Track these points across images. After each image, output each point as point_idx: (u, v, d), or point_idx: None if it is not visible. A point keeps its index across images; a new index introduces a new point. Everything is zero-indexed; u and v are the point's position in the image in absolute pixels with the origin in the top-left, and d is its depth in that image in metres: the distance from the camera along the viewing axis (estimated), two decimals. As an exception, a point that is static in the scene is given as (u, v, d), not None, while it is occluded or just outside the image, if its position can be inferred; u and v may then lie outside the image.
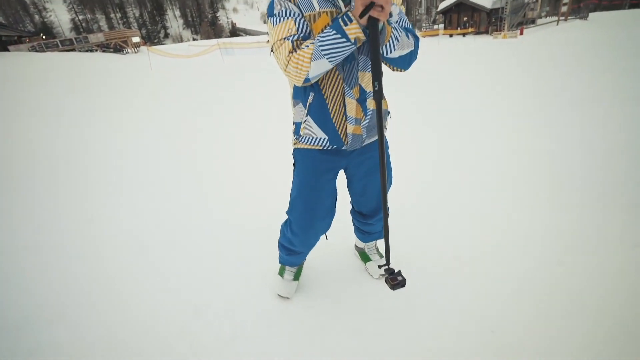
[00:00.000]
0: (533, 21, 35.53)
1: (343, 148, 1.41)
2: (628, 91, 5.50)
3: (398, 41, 1.23)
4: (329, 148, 1.41)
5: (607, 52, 10.54)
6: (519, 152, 3.53)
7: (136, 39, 43.34)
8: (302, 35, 1.20)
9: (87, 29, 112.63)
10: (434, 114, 5.38)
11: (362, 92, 1.33)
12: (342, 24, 1.14)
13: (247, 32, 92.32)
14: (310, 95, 1.33)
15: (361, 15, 1.10)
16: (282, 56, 1.20)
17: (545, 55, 11.53)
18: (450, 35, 34.00)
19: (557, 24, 33.09)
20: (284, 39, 1.20)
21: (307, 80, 1.21)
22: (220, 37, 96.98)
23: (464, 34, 33.56)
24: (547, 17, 43.47)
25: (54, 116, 6.99)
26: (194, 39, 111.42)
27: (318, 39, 1.16)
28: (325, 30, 1.17)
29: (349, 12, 1.14)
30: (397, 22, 1.30)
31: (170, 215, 2.87)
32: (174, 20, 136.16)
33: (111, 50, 37.33)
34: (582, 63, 8.87)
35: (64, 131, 5.89)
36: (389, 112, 1.50)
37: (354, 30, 1.13)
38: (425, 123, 4.91)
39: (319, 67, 1.18)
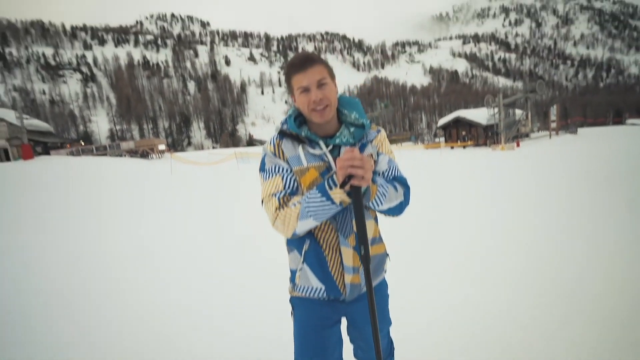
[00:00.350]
0: (527, 135, 38.52)
1: (341, 299, 1.34)
2: (616, 198, 5.70)
3: (385, 197, 1.25)
4: (327, 298, 1.34)
5: (596, 163, 11.19)
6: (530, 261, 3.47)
7: (162, 147, 47.82)
8: (289, 191, 1.24)
9: (121, 137, 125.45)
10: (442, 228, 5.47)
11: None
12: (327, 187, 1.17)
13: (262, 143, 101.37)
14: (306, 243, 1.30)
15: (341, 186, 1.14)
16: (270, 212, 1.23)
17: (543, 166, 12.20)
18: (452, 147, 36.55)
19: (550, 138, 35.66)
20: (272, 195, 1.23)
21: (294, 235, 1.23)
22: (237, 146, 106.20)
23: (464, 146, 36.06)
24: (540, 132, 47.41)
25: (82, 216, 7.32)
26: (213, 147, 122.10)
27: (305, 199, 1.19)
28: (312, 192, 1.19)
29: (334, 175, 1.17)
30: (386, 170, 1.33)
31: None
32: (197, 131, 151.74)
33: (138, 155, 40.79)
34: (576, 172, 9.32)
35: (92, 228, 6.09)
36: (387, 255, 1.44)
37: (338, 195, 1.16)
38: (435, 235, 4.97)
39: (306, 225, 1.21)
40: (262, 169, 1.29)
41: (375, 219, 1.38)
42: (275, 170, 1.26)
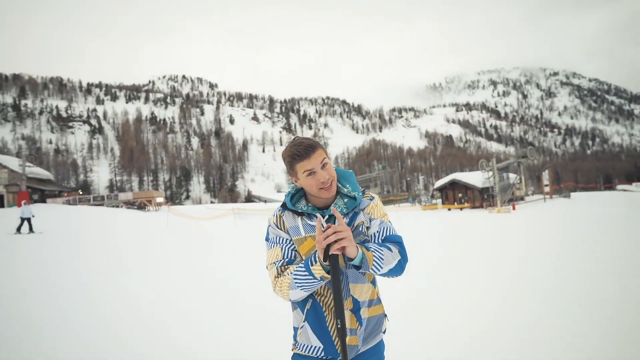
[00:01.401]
0: (522, 198, 39.01)
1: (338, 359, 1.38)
2: (610, 259, 5.63)
3: (383, 260, 1.33)
4: (325, 358, 1.39)
5: (593, 225, 11.24)
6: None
7: (160, 199, 47.83)
8: (287, 260, 1.38)
9: (120, 188, 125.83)
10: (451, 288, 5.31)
11: (355, 302, 1.38)
12: (310, 263, 1.29)
13: (261, 199, 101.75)
14: (309, 302, 1.39)
15: (325, 259, 1.25)
16: (271, 279, 1.39)
17: (541, 227, 12.19)
18: (449, 209, 36.70)
19: (545, 201, 36.04)
20: (273, 263, 1.39)
21: (290, 300, 1.36)
22: (236, 202, 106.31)
23: (461, 208, 36.24)
24: (534, 195, 48.15)
25: (68, 263, 7.07)
26: (211, 202, 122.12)
27: (294, 272, 1.32)
28: (299, 266, 1.32)
29: (316, 254, 1.29)
30: (378, 232, 1.42)
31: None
32: (197, 185, 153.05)
33: (135, 207, 40.56)
34: (574, 233, 9.29)
35: (88, 275, 5.83)
36: (385, 315, 1.50)
37: (318, 271, 1.27)
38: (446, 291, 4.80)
39: (296, 295, 1.33)
40: (267, 238, 1.46)
41: (373, 282, 1.45)
42: (276, 241, 1.41)
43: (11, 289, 5.47)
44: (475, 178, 38.22)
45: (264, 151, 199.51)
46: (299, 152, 1.35)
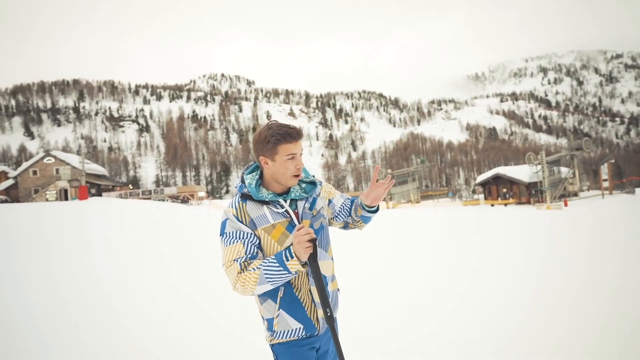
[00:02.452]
0: (575, 194, 36.13)
1: (316, 333, 1.49)
2: None
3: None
4: (305, 336, 1.47)
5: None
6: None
7: (201, 194, 50.11)
8: (249, 256, 1.37)
9: (165, 183, 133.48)
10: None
11: (324, 278, 1.49)
12: (284, 258, 1.32)
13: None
14: (281, 290, 1.43)
15: (308, 259, 1.33)
16: (232, 276, 1.36)
17: (597, 227, 11.17)
18: (492, 205, 34.93)
19: (603, 197, 33.12)
20: (234, 260, 1.36)
21: (252, 295, 1.39)
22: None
23: (505, 204, 34.36)
24: (590, 191, 44.31)
25: (119, 252, 7.62)
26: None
27: (264, 267, 1.33)
28: (270, 260, 1.34)
29: (290, 248, 1.33)
30: (345, 199, 1.66)
31: None
32: (236, 180, 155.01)
33: (179, 201, 42.81)
34: (635, 236, 8.39)
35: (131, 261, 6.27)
36: (338, 290, 1.62)
37: (294, 266, 1.31)
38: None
39: (263, 289, 1.35)
40: (222, 232, 1.42)
41: (332, 258, 1.58)
42: (237, 236, 1.39)
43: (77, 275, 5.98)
44: (521, 172, 35.94)
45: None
46: (291, 133, 1.39)
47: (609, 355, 2.77)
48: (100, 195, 42.79)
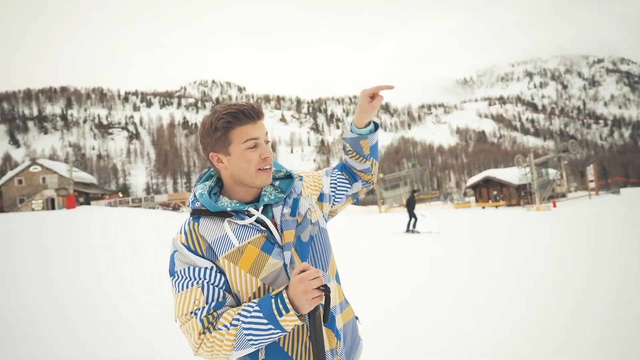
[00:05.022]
0: (563, 195, 36.77)
1: None
2: None
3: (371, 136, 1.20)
4: None
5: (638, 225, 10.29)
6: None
7: (194, 200, 49.67)
8: (213, 305, 0.94)
9: (156, 190, 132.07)
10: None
11: (331, 312, 1.04)
12: (275, 312, 0.89)
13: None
14: (261, 352, 0.99)
15: (310, 314, 0.93)
16: (192, 337, 0.93)
17: (585, 227, 11.36)
18: (483, 207, 35.33)
19: (590, 198, 33.78)
20: (191, 313, 0.93)
21: None
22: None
23: (496, 206, 34.79)
24: (577, 192, 45.21)
25: (108, 261, 7.47)
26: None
27: (243, 322, 0.91)
28: (251, 310, 0.91)
29: (284, 295, 0.90)
30: (333, 176, 1.24)
31: None
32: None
33: (170, 208, 42.31)
34: (623, 235, 8.55)
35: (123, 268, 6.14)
36: (356, 318, 1.19)
37: (290, 321, 0.90)
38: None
39: (243, 353, 0.93)
40: (172, 272, 0.99)
41: (337, 278, 1.13)
42: (190, 276, 0.96)
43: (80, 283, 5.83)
44: (511, 174, 36.49)
45: (292, 152, 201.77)
46: (244, 110, 1.00)
47: (606, 354, 2.78)
48: (89, 204, 42.07)
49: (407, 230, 12.03)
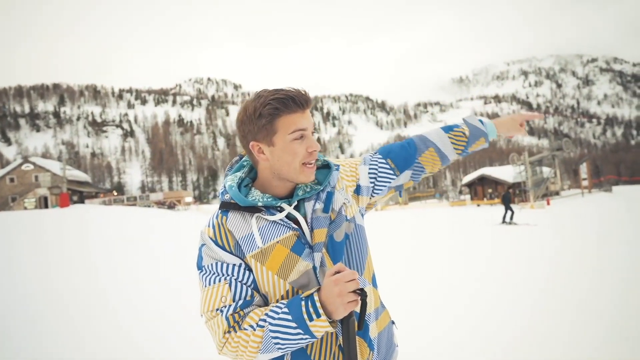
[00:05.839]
0: (557, 193, 37.11)
1: None
2: None
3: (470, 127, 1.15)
4: None
5: (633, 224, 10.43)
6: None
7: (188, 199, 49.43)
8: (240, 304, 0.89)
9: (151, 189, 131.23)
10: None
11: (366, 320, 0.96)
12: (305, 316, 0.82)
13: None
14: (287, 356, 0.92)
15: (343, 320, 0.83)
16: (217, 335, 0.88)
17: (578, 224, 11.47)
18: (478, 205, 35.55)
19: (583, 196, 34.11)
20: (217, 310, 0.89)
21: None
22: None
23: (491, 204, 35.02)
24: (571, 190, 45.65)
25: (102, 261, 7.41)
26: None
27: (270, 323, 0.84)
28: (279, 312, 0.85)
29: (315, 298, 0.82)
30: (375, 166, 1.09)
31: None
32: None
33: (165, 206, 42.08)
34: (615, 232, 8.65)
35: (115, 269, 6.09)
36: (393, 323, 1.11)
37: (321, 327, 0.82)
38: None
39: (268, 357, 0.88)
40: (199, 265, 0.96)
41: (373, 281, 1.04)
42: (218, 272, 0.91)
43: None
44: (505, 173, 36.75)
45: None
46: (295, 97, 0.91)
47: (614, 352, 2.80)
48: (83, 203, 41.70)
49: (503, 222, 13.18)
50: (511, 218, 13.03)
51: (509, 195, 13.79)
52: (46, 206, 38.24)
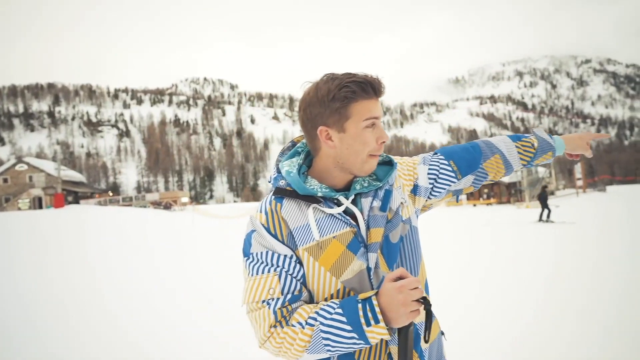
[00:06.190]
0: (552, 193, 37.39)
1: None
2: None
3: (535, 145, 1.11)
4: None
5: (632, 222, 10.53)
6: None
7: (185, 199, 49.21)
8: (289, 298, 0.83)
9: (147, 189, 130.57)
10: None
11: (414, 328, 0.88)
12: (362, 320, 0.76)
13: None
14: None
15: (400, 330, 0.78)
16: (261, 328, 0.83)
17: (573, 224, 11.54)
18: (474, 205, 35.73)
19: (577, 195, 34.39)
20: (263, 302, 0.83)
21: None
22: (258, 200, 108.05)
23: (488, 204, 35.23)
24: (565, 189, 46.03)
25: (96, 262, 7.35)
26: (234, 201, 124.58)
27: (321, 323, 0.79)
28: (334, 316, 0.78)
29: (374, 303, 0.76)
30: (436, 167, 1.03)
31: None
32: (220, 185, 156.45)
33: (161, 207, 41.87)
34: (609, 231, 8.73)
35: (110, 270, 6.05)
36: (442, 333, 1.02)
37: (378, 335, 0.76)
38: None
39: (315, 356, 0.82)
40: (247, 252, 0.89)
41: (426, 287, 0.99)
42: (268, 261, 0.85)
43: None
44: (501, 173, 36.92)
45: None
46: (372, 84, 0.85)
47: (614, 352, 2.82)
48: (78, 203, 41.38)
49: (540, 220, 13.33)
50: (548, 216, 13.14)
51: (545, 194, 14.01)
52: (40, 207, 37.91)
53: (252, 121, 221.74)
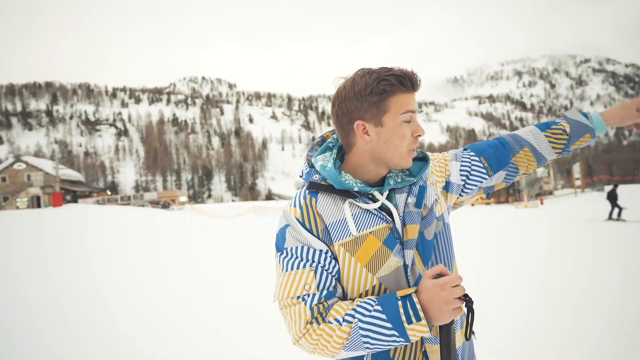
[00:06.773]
0: (550, 192, 37.52)
1: None
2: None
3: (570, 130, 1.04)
4: None
5: (631, 223, 10.56)
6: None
7: (183, 198, 49.15)
8: (324, 294, 0.81)
9: (145, 188, 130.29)
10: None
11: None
12: (403, 317, 0.75)
13: (281, 197, 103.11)
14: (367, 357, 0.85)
15: (443, 327, 0.77)
16: (296, 325, 0.81)
17: (571, 224, 11.61)
18: (472, 205, 35.78)
19: (575, 195, 34.51)
20: (298, 298, 0.81)
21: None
22: (256, 200, 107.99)
23: (487, 203, 35.30)
24: (564, 189, 46.21)
25: (94, 261, 7.34)
26: (233, 200, 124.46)
27: (360, 319, 0.77)
28: (373, 313, 0.77)
29: (414, 300, 0.75)
30: (468, 163, 1.01)
31: None
32: (218, 184, 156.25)
33: (160, 206, 41.83)
34: (608, 231, 8.76)
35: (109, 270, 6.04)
36: (473, 333, 0.98)
37: (419, 333, 0.75)
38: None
39: (351, 354, 0.82)
40: (281, 247, 0.87)
41: None
42: (303, 257, 0.84)
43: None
44: (500, 172, 37.06)
45: (283, 149, 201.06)
46: (410, 78, 0.84)
47: (614, 352, 2.83)
48: (76, 202, 41.28)
49: (610, 218, 13.24)
50: (619, 215, 13.09)
51: (615, 192, 13.95)
52: (39, 206, 37.79)
53: (251, 120, 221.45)
